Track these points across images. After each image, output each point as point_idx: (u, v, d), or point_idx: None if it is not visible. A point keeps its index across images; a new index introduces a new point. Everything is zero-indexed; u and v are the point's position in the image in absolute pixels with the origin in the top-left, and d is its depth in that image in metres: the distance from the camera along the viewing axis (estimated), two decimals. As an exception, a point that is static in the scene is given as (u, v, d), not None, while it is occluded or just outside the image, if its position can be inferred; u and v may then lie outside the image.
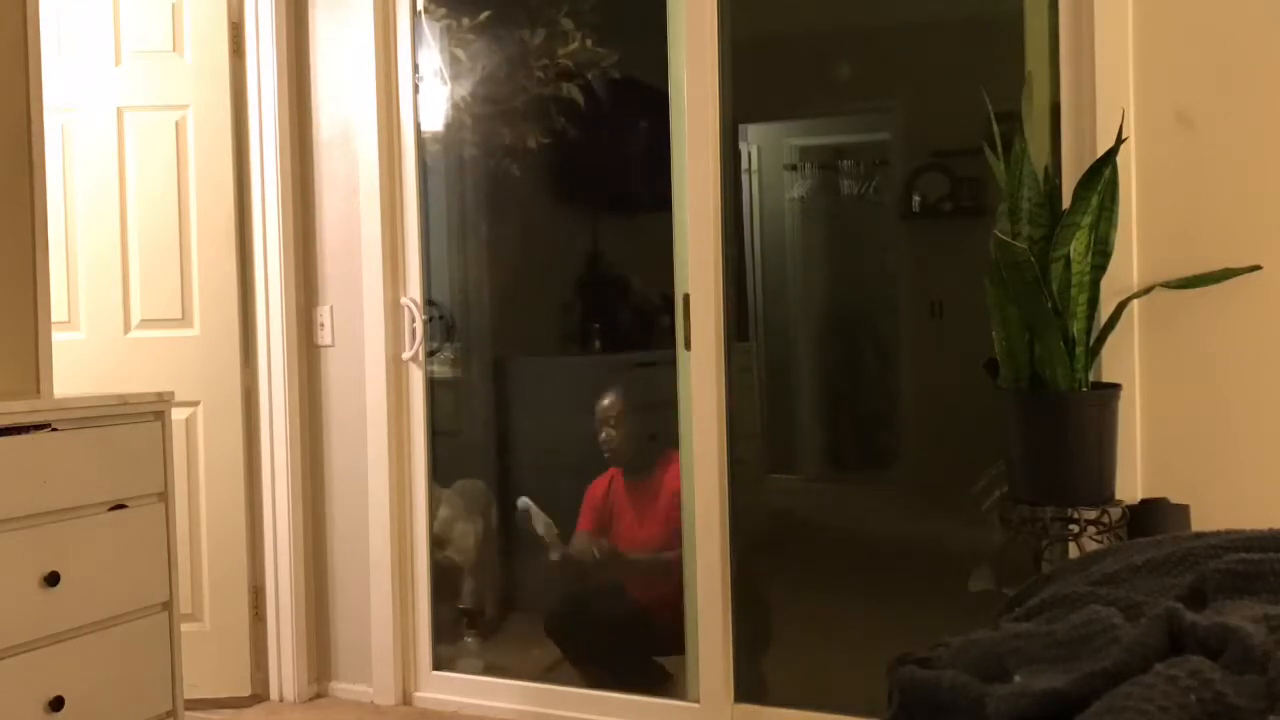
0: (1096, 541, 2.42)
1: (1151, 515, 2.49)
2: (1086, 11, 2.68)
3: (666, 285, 3.38)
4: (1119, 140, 2.47)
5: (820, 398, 3.46)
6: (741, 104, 3.23)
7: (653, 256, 3.58)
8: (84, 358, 3.53)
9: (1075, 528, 2.46)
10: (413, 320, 3.62)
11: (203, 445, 3.69)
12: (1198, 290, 2.55)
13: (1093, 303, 2.51)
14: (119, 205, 3.66)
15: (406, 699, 3.65)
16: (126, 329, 3.67)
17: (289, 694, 3.71)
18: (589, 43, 3.61)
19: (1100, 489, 2.48)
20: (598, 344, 3.73)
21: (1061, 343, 2.43)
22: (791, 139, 3.83)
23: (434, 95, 3.70)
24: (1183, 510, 2.51)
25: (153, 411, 2.66)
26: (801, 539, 3.24)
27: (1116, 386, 2.55)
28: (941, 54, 3.04)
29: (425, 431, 3.64)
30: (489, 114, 3.72)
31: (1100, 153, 2.51)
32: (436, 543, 3.65)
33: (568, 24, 3.61)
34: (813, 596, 3.31)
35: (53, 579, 2.37)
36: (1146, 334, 2.62)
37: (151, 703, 2.65)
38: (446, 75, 3.71)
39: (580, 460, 3.68)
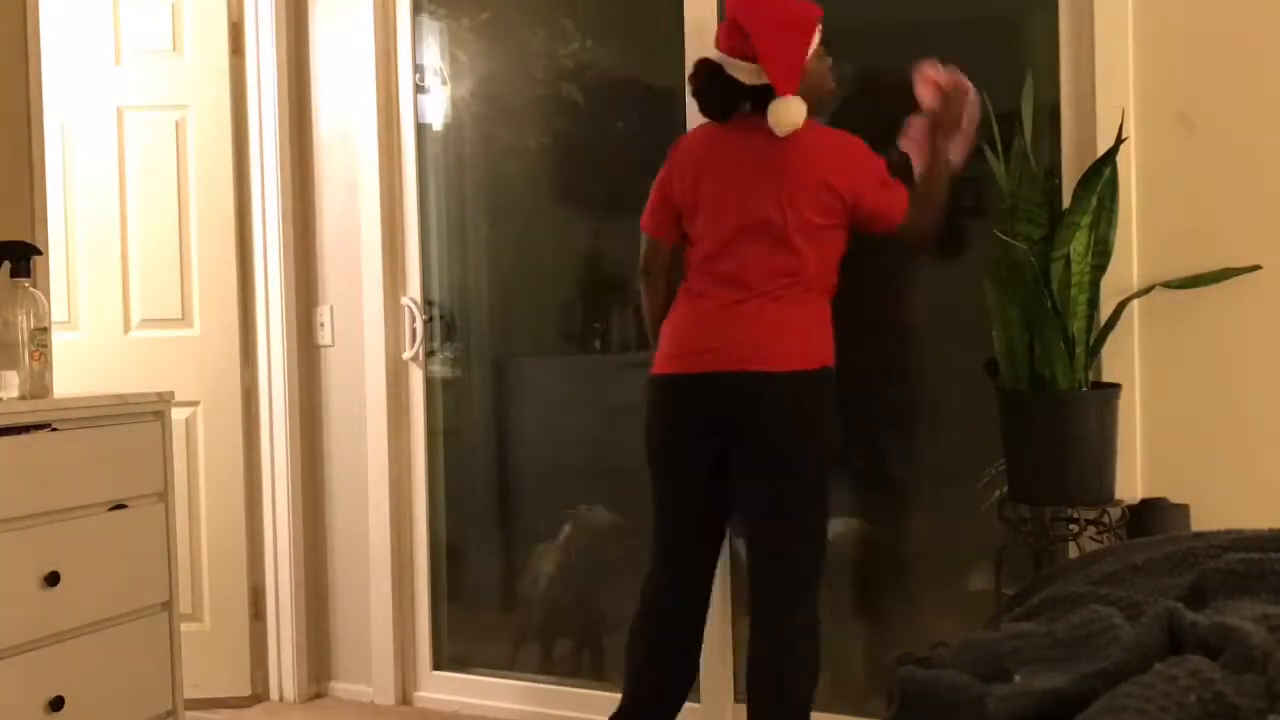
0: (1096, 541, 2.43)
1: (1151, 515, 2.49)
2: (1086, 11, 2.68)
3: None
4: (1119, 140, 2.47)
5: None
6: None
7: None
8: (84, 358, 3.53)
9: (1075, 528, 2.46)
10: (413, 320, 3.62)
11: (203, 445, 3.69)
12: (1198, 290, 2.55)
13: (1093, 302, 2.51)
14: (119, 205, 3.67)
15: (406, 699, 3.66)
16: (126, 329, 3.67)
17: (289, 694, 3.71)
18: (589, 43, 3.60)
19: (1100, 489, 2.48)
20: (598, 344, 3.73)
21: (1061, 342, 2.43)
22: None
23: (434, 95, 3.71)
24: (1183, 510, 2.51)
25: (153, 411, 2.66)
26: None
27: (1116, 386, 2.55)
28: (942, 54, 3.03)
29: (425, 431, 3.65)
30: (489, 114, 3.72)
31: (1100, 153, 2.51)
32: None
33: (568, 24, 3.61)
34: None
35: (53, 579, 2.38)
36: (1146, 334, 2.63)
37: (151, 703, 2.65)
38: (446, 75, 3.71)
39: (580, 460, 3.68)
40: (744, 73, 2.60)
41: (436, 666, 3.65)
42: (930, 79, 2.66)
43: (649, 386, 2.73)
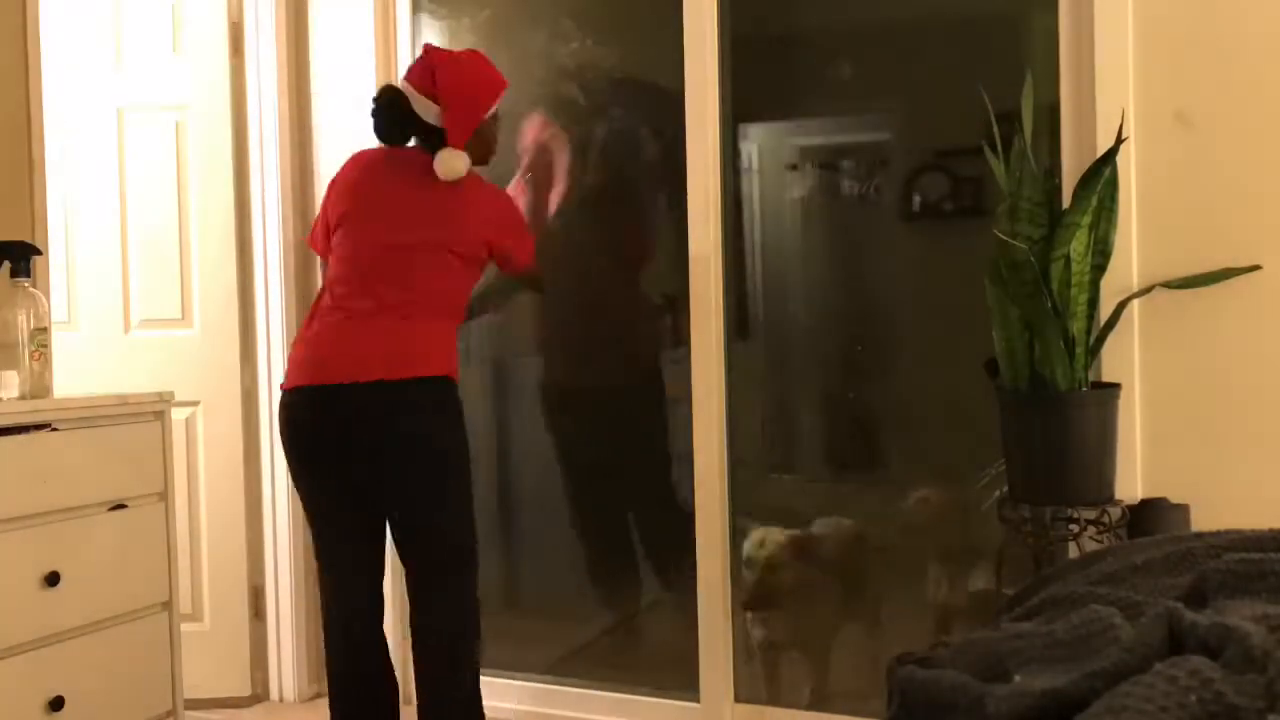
0: (1096, 541, 2.43)
1: (1151, 515, 2.49)
2: (1086, 11, 2.68)
3: (666, 285, 3.38)
4: (1119, 140, 2.47)
5: (821, 397, 3.46)
6: (741, 104, 3.23)
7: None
8: (84, 358, 3.53)
9: (1075, 528, 2.46)
10: (413, 320, 3.61)
11: (203, 445, 3.69)
12: (1198, 290, 2.55)
13: (1093, 303, 2.51)
14: (119, 205, 3.67)
15: (406, 699, 3.65)
16: (126, 329, 3.67)
17: (289, 694, 3.71)
18: (590, 42, 3.61)
19: (1100, 489, 2.48)
20: (597, 344, 3.72)
21: (1061, 343, 2.43)
22: (792, 139, 3.83)
23: (434, 95, 3.70)
24: (1183, 510, 2.51)
25: (153, 411, 2.66)
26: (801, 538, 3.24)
27: (1116, 386, 2.55)
28: (941, 54, 3.03)
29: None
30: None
31: (1100, 153, 2.51)
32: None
33: (568, 23, 3.61)
34: (813, 596, 3.31)
35: (53, 579, 2.38)
36: (1146, 334, 2.63)
37: (151, 703, 2.65)
38: (446, 75, 3.71)
39: (580, 460, 3.68)
40: (427, 112, 2.77)
41: (436, 666, 3.64)
42: (531, 129, 3.08)
43: (283, 400, 2.76)
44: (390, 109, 2.82)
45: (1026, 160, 2.47)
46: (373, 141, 2.80)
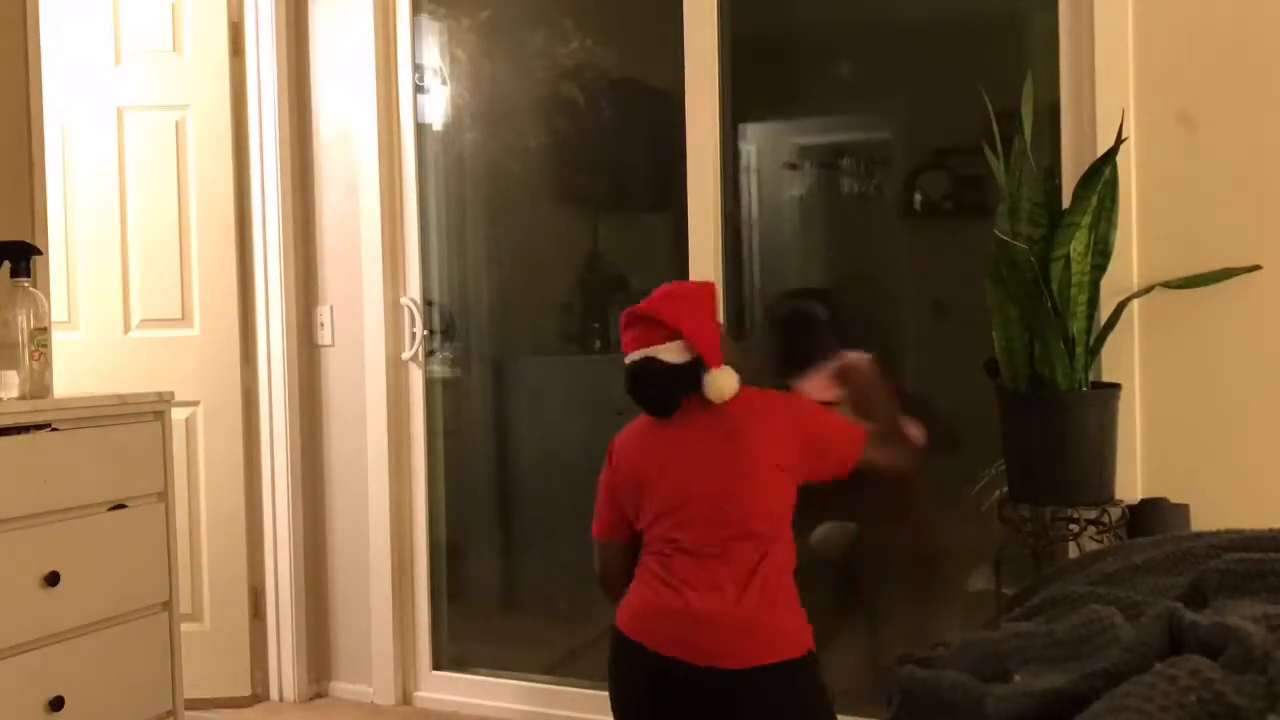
0: (1096, 541, 2.43)
1: (1151, 515, 2.49)
2: (1086, 11, 2.68)
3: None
4: (1119, 140, 2.47)
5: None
6: (741, 104, 3.23)
7: (653, 256, 3.58)
8: (84, 358, 3.53)
9: (1075, 528, 2.46)
10: (413, 321, 3.62)
11: (203, 445, 3.69)
12: (1198, 290, 2.55)
13: (1093, 303, 2.51)
14: (119, 205, 3.67)
15: (406, 699, 3.66)
16: (126, 329, 3.67)
17: (289, 694, 3.71)
18: (589, 42, 3.61)
19: (1100, 489, 2.48)
20: (598, 344, 3.73)
21: (1061, 343, 2.43)
22: (792, 138, 3.83)
23: (434, 95, 3.71)
24: (1182, 510, 2.51)
25: (153, 411, 2.66)
26: (800, 538, 3.24)
27: (1116, 386, 2.55)
28: (941, 54, 3.03)
29: (425, 431, 3.65)
30: (489, 114, 3.72)
31: (1100, 153, 2.51)
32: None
33: (568, 24, 3.61)
34: (812, 596, 3.31)
35: (53, 579, 2.37)
36: (1146, 334, 2.62)
37: (151, 703, 2.65)
38: (446, 75, 3.71)
39: (580, 461, 3.68)
40: (670, 353, 2.47)
41: (436, 666, 3.65)
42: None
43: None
44: (650, 379, 2.47)
45: (1026, 160, 2.47)
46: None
